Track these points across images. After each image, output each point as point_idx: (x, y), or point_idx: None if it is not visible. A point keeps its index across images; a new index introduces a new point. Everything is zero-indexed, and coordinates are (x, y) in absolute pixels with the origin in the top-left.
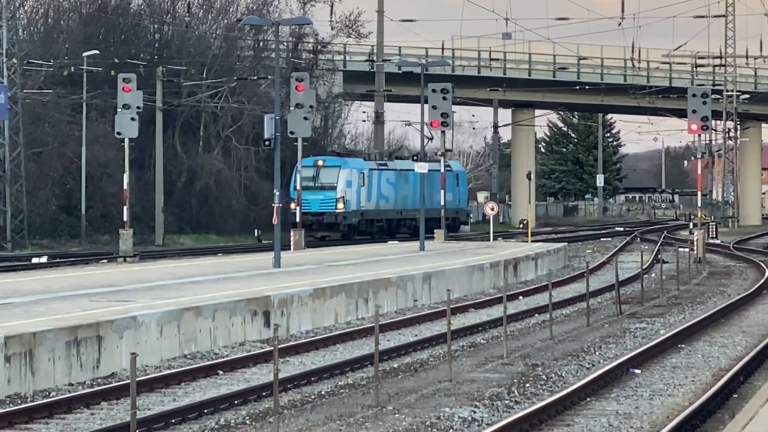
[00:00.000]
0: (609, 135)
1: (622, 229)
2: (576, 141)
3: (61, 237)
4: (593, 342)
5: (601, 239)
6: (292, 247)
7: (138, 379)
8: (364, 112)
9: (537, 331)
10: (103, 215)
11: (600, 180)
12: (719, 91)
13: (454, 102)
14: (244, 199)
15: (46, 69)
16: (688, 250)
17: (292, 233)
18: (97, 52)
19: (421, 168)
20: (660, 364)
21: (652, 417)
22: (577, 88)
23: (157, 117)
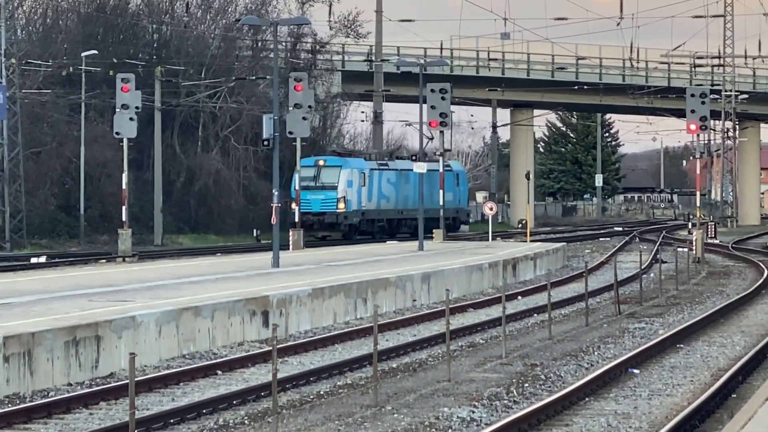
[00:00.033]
0: (608, 135)
1: (620, 229)
2: (575, 141)
3: (59, 237)
4: (592, 342)
5: (600, 239)
6: (290, 247)
7: (137, 379)
8: (363, 112)
9: (536, 331)
10: (102, 215)
11: (599, 180)
12: (718, 91)
13: (453, 102)
14: (242, 199)
15: (44, 69)
16: (686, 250)
17: (290, 233)
18: (95, 52)
19: (419, 168)
20: (659, 364)
21: (651, 417)
22: (576, 88)
23: (155, 117)
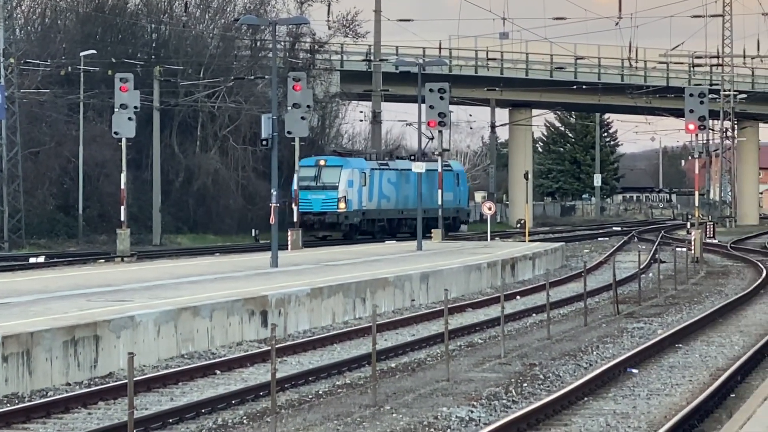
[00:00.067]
0: (606, 134)
1: (619, 228)
2: (573, 141)
3: (58, 237)
4: (591, 342)
5: (599, 239)
6: (289, 247)
7: (135, 378)
8: (362, 112)
9: (534, 330)
10: (101, 215)
11: (597, 180)
12: (716, 91)
13: (451, 102)
14: (241, 199)
15: (43, 69)
16: (685, 249)
17: (289, 233)
18: (94, 51)
19: (418, 168)
20: (657, 364)
21: (650, 417)
22: (575, 87)
23: (154, 117)
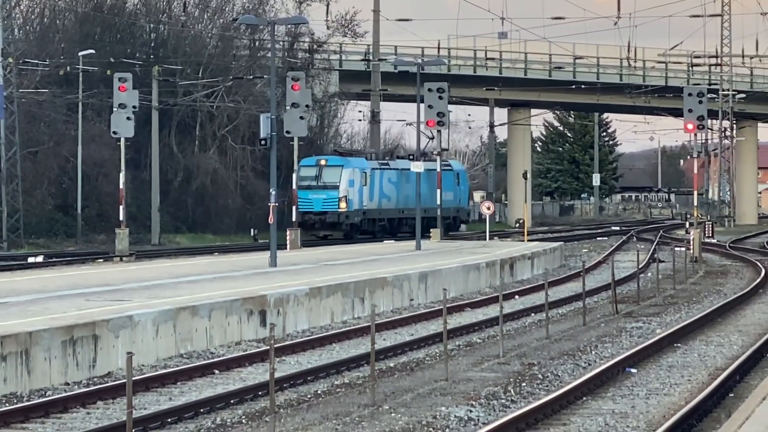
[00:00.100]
0: (605, 134)
1: (618, 228)
2: (572, 140)
3: (57, 236)
4: (589, 341)
5: (597, 238)
6: (288, 247)
7: (134, 378)
8: (360, 112)
9: (533, 330)
10: (99, 215)
11: (596, 179)
12: (715, 91)
13: (450, 101)
14: (240, 199)
15: (41, 68)
16: (684, 249)
17: (288, 232)
18: (92, 51)
19: (417, 167)
20: (656, 364)
21: (649, 416)
22: (573, 87)
23: (153, 116)
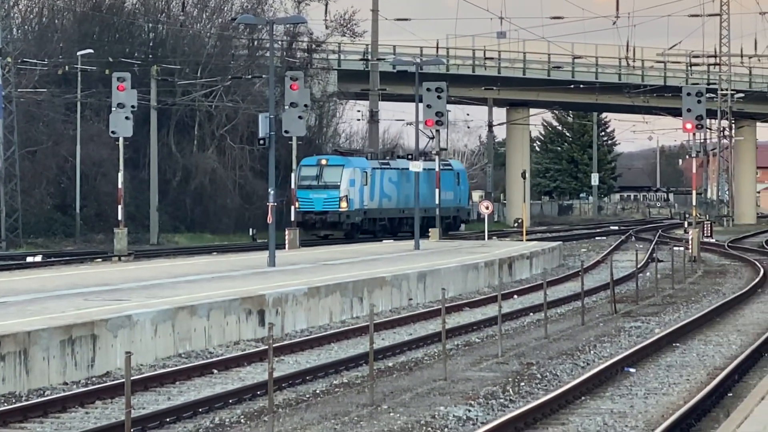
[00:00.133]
0: (604, 134)
1: (616, 228)
2: (571, 140)
3: (55, 236)
4: (588, 341)
5: (596, 238)
6: (286, 246)
7: (133, 378)
8: (359, 111)
9: (532, 329)
10: (98, 214)
11: (595, 179)
12: (714, 90)
13: (449, 101)
14: (238, 198)
15: (40, 68)
16: (682, 248)
17: (286, 232)
18: (91, 51)
19: (415, 167)
20: (655, 363)
21: (647, 416)
22: (572, 87)
23: (151, 116)
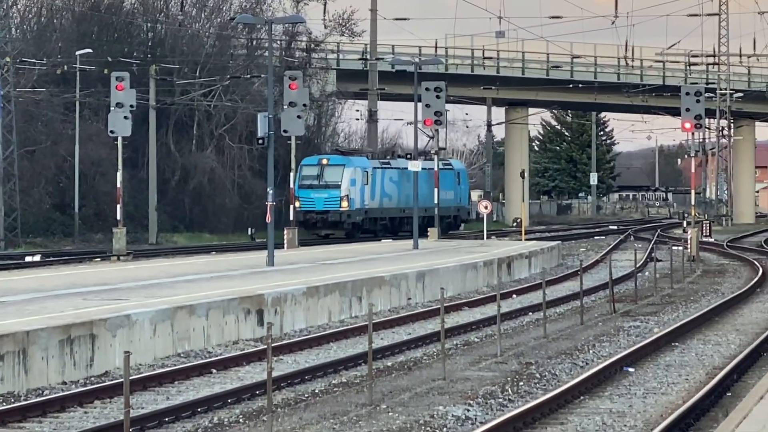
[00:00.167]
0: (602, 133)
1: (615, 227)
2: (569, 139)
3: (54, 235)
4: (587, 340)
5: (595, 237)
6: (285, 246)
7: (131, 377)
8: (358, 111)
9: (531, 329)
10: (97, 214)
11: (593, 178)
12: (713, 90)
13: (448, 100)
14: (237, 198)
15: (39, 68)
16: (681, 248)
17: (285, 232)
18: (90, 50)
19: (414, 166)
20: (654, 363)
21: (646, 415)
22: (571, 86)
23: (150, 115)
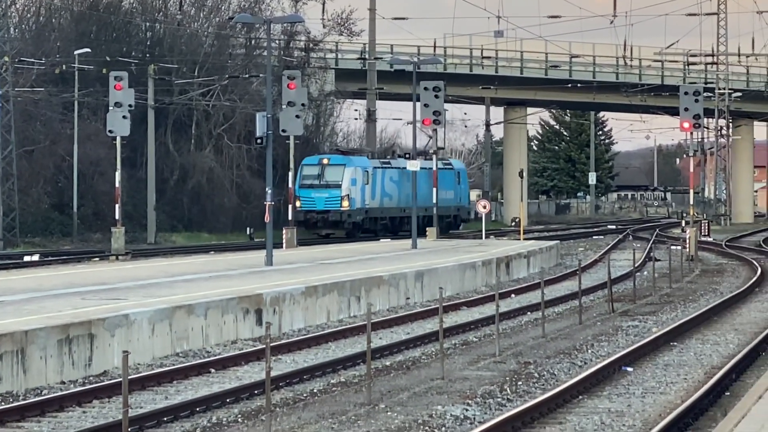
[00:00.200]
0: (601, 133)
1: (614, 227)
2: (568, 139)
3: (53, 235)
4: (585, 340)
5: (594, 237)
6: (284, 246)
7: (130, 377)
8: (356, 110)
9: (529, 329)
10: (95, 213)
11: (592, 178)
12: (711, 89)
13: (446, 100)
14: (236, 197)
15: (37, 67)
16: (680, 248)
17: (284, 231)
18: (88, 50)
19: (413, 166)
20: (652, 362)
21: (645, 415)
22: (569, 86)
23: (148, 115)
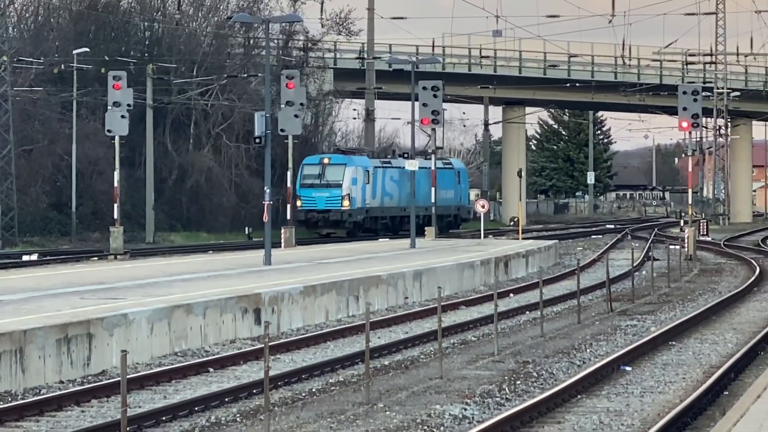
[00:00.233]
0: (600, 132)
1: (612, 226)
2: (567, 138)
3: (51, 235)
4: (584, 339)
5: (592, 237)
6: (282, 245)
7: (128, 376)
8: (355, 110)
9: (528, 328)
10: (94, 213)
11: (591, 177)
12: (710, 89)
13: (445, 99)
14: (234, 197)
15: (36, 67)
16: (678, 247)
17: (282, 231)
18: (87, 49)
19: (411, 165)
20: (651, 362)
21: (643, 414)
22: (568, 85)
23: (147, 114)
